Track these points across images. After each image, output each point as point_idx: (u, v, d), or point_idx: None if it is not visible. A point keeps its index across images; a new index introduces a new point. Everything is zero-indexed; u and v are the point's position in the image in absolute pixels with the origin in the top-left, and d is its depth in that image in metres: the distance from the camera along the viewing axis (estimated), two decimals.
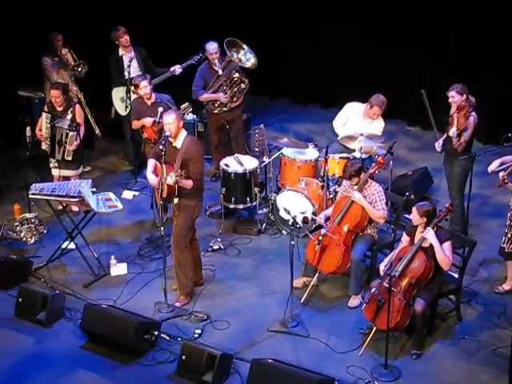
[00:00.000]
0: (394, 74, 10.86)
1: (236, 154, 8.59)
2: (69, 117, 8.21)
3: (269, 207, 8.37)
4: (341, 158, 8.11)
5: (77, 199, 7.37)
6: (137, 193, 9.18)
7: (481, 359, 6.26)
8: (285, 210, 6.94)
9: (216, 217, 8.50)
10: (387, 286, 6.08)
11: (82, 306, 6.70)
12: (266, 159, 8.41)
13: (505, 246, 6.93)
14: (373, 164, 7.34)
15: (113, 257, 7.58)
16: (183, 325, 6.74)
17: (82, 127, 8.35)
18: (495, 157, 7.15)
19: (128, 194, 9.12)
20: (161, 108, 7.96)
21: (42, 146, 8.38)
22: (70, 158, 8.26)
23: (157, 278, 7.35)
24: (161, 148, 6.58)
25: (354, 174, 6.98)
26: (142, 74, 8.53)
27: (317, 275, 7.07)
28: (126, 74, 9.15)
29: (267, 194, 8.56)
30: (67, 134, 8.13)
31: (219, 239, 8.06)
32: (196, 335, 6.58)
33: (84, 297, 7.12)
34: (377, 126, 8.33)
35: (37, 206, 8.38)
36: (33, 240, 8.05)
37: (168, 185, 6.56)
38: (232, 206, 8.31)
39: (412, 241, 6.45)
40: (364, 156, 7.99)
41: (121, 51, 9.30)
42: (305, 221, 7.61)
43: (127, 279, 7.45)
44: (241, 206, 8.32)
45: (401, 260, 6.31)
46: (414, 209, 6.33)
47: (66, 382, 6.14)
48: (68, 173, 8.38)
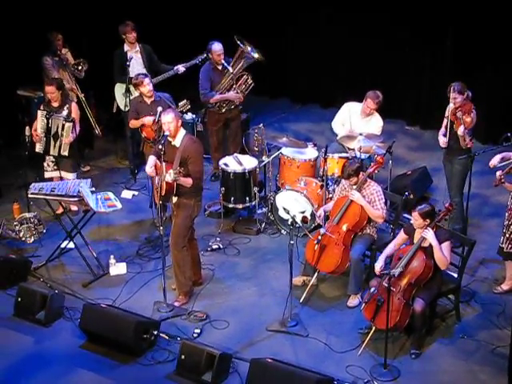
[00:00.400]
0: (393, 73, 10.87)
1: (235, 154, 8.59)
2: (64, 113, 8.20)
3: (268, 207, 8.37)
4: (340, 157, 8.11)
5: (76, 199, 7.37)
6: (136, 192, 9.18)
7: (480, 359, 6.27)
8: (284, 209, 6.93)
9: (215, 216, 8.50)
10: (386, 285, 6.08)
11: (82, 305, 6.70)
12: (265, 159, 8.40)
13: (503, 245, 6.94)
14: (372, 163, 7.34)
15: (112, 256, 7.58)
16: (182, 324, 6.75)
17: (77, 125, 8.31)
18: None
19: (127, 194, 9.12)
20: (160, 107, 7.96)
21: (36, 148, 8.30)
22: (66, 152, 8.18)
23: (156, 278, 7.35)
24: (160, 147, 6.59)
25: (352, 174, 6.98)
26: (142, 73, 8.50)
27: (316, 275, 7.07)
28: (128, 71, 9.23)
29: (266, 194, 8.57)
30: (63, 125, 8.10)
31: (218, 239, 8.06)
32: (195, 335, 6.58)
33: (83, 296, 7.12)
34: (375, 125, 8.31)
35: (36, 205, 8.37)
36: (32, 239, 8.05)
37: (167, 183, 6.57)
38: (231, 206, 8.31)
39: (411, 240, 6.46)
40: (363, 156, 7.99)
41: (126, 47, 9.35)
42: (304, 220, 7.61)
43: (126, 279, 7.45)
44: (240, 206, 8.32)
45: (400, 259, 6.32)
46: (415, 214, 6.27)
47: (65, 381, 6.14)
48: (65, 175, 8.30)
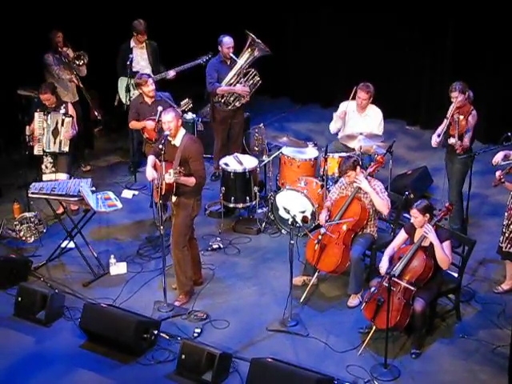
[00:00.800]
0: (393, 73, 10.88)
1: (235, 154, 8.59)
2: (61, 112, 8.22)
3: (268, 206, 8.37)
4: (340, 157, 8.10)
5: (76, 198, 7.37)
6: (136, 192, 9.18)
7: (480, 358, 6.27)
8: (284, 209, 6.94)
9: (215, 216, 8.50)
10: (387, 285, 6.08)
11: (82, 305, 6.70)
12: (265, 158, 8.41)
13: (503, 245, 6.94)
14: (372, 163, 7.33)
15: (112, 256, 7.59)
16: (183, 324, 6.75)
17: (75, 124, 8.30)
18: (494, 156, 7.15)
19: (127, 193, 9.12)
20: (160, 107, 7.96)
21: (35, 150, 8.29)
22: (66, 148, 8.19)
23: (156, 278, 7.36)
24: (160, 147, 6.59)
25: (349, 168, 6.94)
26: (146, 73, 8.49)
27: (316, 274, 7.07)
28: (134, 65, 9.32)
29: (267, 194, 8.57)
30: (63, 120, 8.12)
31: (219, 238, 8.06)
32: (195, 334, 6.58)
33: (83, 296, 7.12)
34: (374, 118, 8.27)
35: (36, 205, 8.37)
36: (32, 239, 8.05)
37: (166, 183, 6.57)
38: (231, 205, 8.31)
39: (412, 240, 6.46)
40: (364, 156, 8.01)
41: (132, 43, 9.42)
42: (304, 220, 7.61)
43: (127, 278, 7.45)
44: (240, 205, 8.32)
45: (400, 259, 6.32)
46: (414, 211, 6.27)
47: (65, 381, 6.14)
48: (59, 176, 8.25)
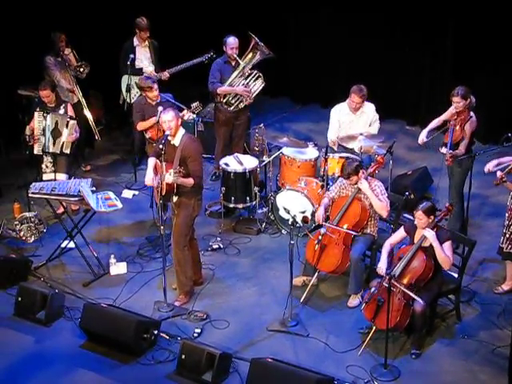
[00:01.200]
0: (393, 73, 10.88)
1: (236, 154, 8.59)
2: (61, 111, 8.21)
3: (268, 206, 8.37)
4: (340, 157, 8.10)
5: (76, 198, 7.37)
6: (136, 192, 9.18)
7: (480, 359, 6.27)
8: (284, 209, 6.94)
9: (216, 216, 8.50)
10: (387, 285, 6.08)
11: (82, 305, 6.70)
12: (265, 158, 8.41)
13: (503, 245, 6.94)
14: (372, 163, 7.33)
15: (112, 256, 7.59)
16: (183, 324, 6.75)
17: (76, 125, 8.32)
18: (495, 157, 7.15)
19: (128, 193, 9.11)
20: (160, 107, 7.97)
21: (35, 150, 8.28)
22: (68, 150, 8.19)
23: (156, 278, 7.35)
24: (161, 147, 6.60)
25: (352, 173, 6.97)
26: (149, 77, 8.47)
27: (316, 274, 7.07)
28: (137, 63, 9.36)
29: (267, 194, 8.57)
30: (67, 122, 8.11)
31: (219, 238, 8.06)
32: (195, 334, 6.58)
33: (83, 296, 7.12)
34: (368, 115, 8.27)
35: (36, 205, 8.36)
36: (32, 239, 8.05)
37: (167, 183, 6.57)
38: (232, 206, 8.31)
39: (412, 240, 6.46)
40: (364, 156, 8.00)
41: (136, 41, 9.44)
42: (304, 220, 7.61)
43: (127, 278, 7.45)
44: (240, 206, 8.32)
45: (400, 260, 6.32)
46: (419, 213, 6.24)
47: (65, 380, 6.14)
48: (58, 176, 8.25)
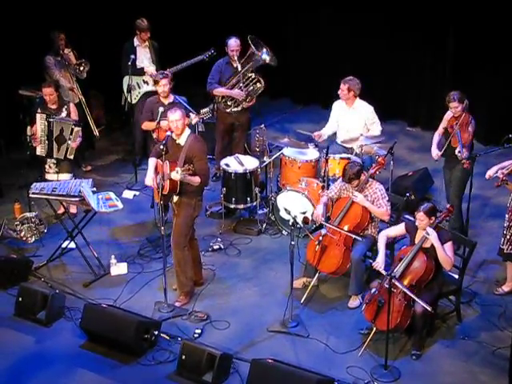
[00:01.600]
0: (394, 74, 10.89)
1: (236, 154, 8.59)
2: (63, 114, 8.20)
3: (269, 207, 8.37)
4: (341, 158, 8.11)
5: (77, 199, 7.37)
6: (137, 192, 9.18)
7: (481, 360, 6.27)
8: (285, 210, 6.95)
9: (216, 217, 8.50)
10: (387, 286, 6.08)
11: (82, 305, 6.70)
12: (266, 159, 8.41)
13: (504, 247, 6.93)
14: (373, 164, 7.33)
15: (113, 256, 7.58)
16: (183, 324, 6.75)
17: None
18: (496, 158, 7.16)
19: (128, 194, 9.12)
20: (161, 108, 7.98)
21: (38, 151, 8.29)
22: (72, 156, 8.19)
23: (157, 278, 7.35)
24: (162, 147, 6.61)
25: (353, 177, 6.97)
26: (163, 71, 8.39)
27: (317, 275, 7.07)
28: (138, 64, 9.37)
29: (267, 194, 8.56)
30: (72, 129, 8.09)
31: (219, 239, 8.06)
32: (196, 335, 6.58)
33: (84, 296, 7.12)
34: (364, 112, 8.28)
35: (37, 205, 8.36)
36: (33, 239, 8.05)
37: (171, 181, 6.57)
38: (232, 206, 8.31)
39: (412, 241, 6.46)
40: (365, 156, 8.00)
41: (136, 41, 9.44)
42: (305, 221, 7.61)
43: (127, 279, 7.45)
44: (241, 206, 8.32)
45: (401, 260, 6.32)
46: (420, 214, 6.24)
47: (65, 381, 6.14)
48: (62, 177, 8.24)
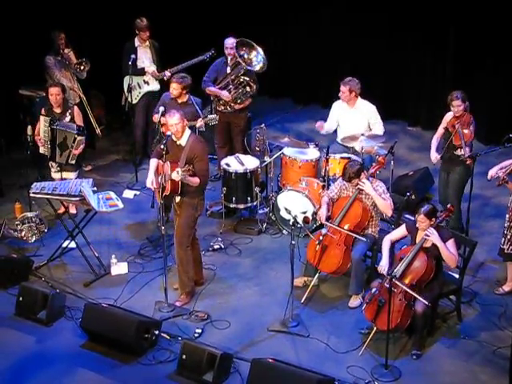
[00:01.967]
0: (395, 74, 10.89)
1: (237, 154, 8.59)
2: (67, 119, 8.18)
3: (269, 207, 8.37)
4: (342, 157, 8.11)
5: (78, 198, 7.36)
6: (137, 192, 9.18)
7: (481, 360, 6.27)
8: (285, 209, 6.96)
9: (217, 216, 8.50)
10: (388, 286, 6.08)
11: (83, 305, 6.70)
12: (266, 159, 8.41)
13: (504, 246, 6.94)
14: (373, 164, 7.33)
15: (113, 256, 7.58)
16: (183, 324, 6.75)
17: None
18: (496, 157, 7.16)
19: (129, 194, 9.12)
20: (161, 108, 7.99)
21: (40, 150, 8.29)
22: (73, 161, 8.19)
23: (157, 278, 7.35)
24: (162, 147, 6.61)
25: (353, 176, 6.97)
26: (184, 76, 8.22)
27: (317, 275, 7.07)
28: (139, 64, 9.40)
29: (268, 194, 8.56)
30: (75, 138, 8.04)
31: (220, 239, 8.06)
32: (196, 335, 6.58)
33: (84, 296, 7.12)
34: (366, 112, 8.29)
35: (37, 205, 8.36)
36: (33, 239, 8.06)
37: (172, 182, 6.57)
38: (233, 206, 8.31)
39: (413, 240, 6.46)
40: (365, 156, 8.00)
41: (137, 42, 9.46)
42: (305, 221, 7.61)
43: (128, 278, 7.45)
44: (241, 206, 8.32)
45: (402, 260, 6.32)
46: (421, 217, 6.24)
47: (66, 380, 6.14)
48: (66, 175, 8.24)
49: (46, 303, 6.77)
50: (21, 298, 6.88)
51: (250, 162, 8.35)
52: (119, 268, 7.56)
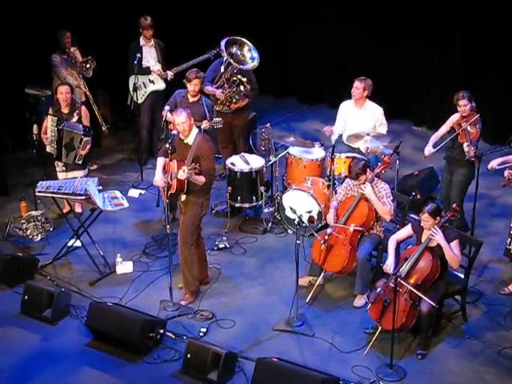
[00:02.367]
0: (400, 73, 10.87)
1: (242, 153, 8.59)
2: (75, 119, 8.18)
3: (275, 206, 8.37)
4: (347, 157, 8.10)
5: (83, 197, 7.38)
6: (143, 191, 9.19)
7: (486, 360, 6.26)
8: (291, 209, 6.95)
9: (222, 216, 8.50)
10: (393, 286, 6.07)
11: (88, 303, 6.71)
12: (272, 158, 8.41)
13: (510, 247, 6.93)
14: (379, 164, 7.32)
15: (119, 255, 7.60)
16: (188, 323, 6.75)
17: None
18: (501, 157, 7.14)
19: (134, 193, 9.12)
20: (167, 107, 7.99)
21: (47, 148, 8.30)
22: (80, 162, 8.19)
23: (162, 277, 7.36)
24: (168, 146, 6.62)
25: (360, 172, 6.96)
26: (198, 70, 8.28)
27: (322, 274, 7.07)
28: (144, 63, 9.39)
29: (273, 193, 8.56)
30: (81, 139, 8.05)
31: (225, 238, 8.06)
32: (201, 334, 6.58)
33: (90, 295, 7.13)
34: (373, 113, 8.28)
35: (43, 203, 8.37)
36: (39, 237, 8.07)
37: (178, 180, 6.58)
38: (238, 205, 8.31)
39: (418, 240, 6.45)
40: (370, 156, 8.00)
41: (142, 41, 9.45)
42: (311, 220, 7.61)
43: (133, 277, 7.45)
44: (247, 205, 8.32)
45: (407, 260, 6.31)
46: (425, 215, 6.24)
47: (71, 379, 6.15)
48: (74, 174, 8.24)
49: (52, 302, 6.78)
50: (26, 297, 6.89)
51: (256, 162, 8.35)
52: (124, 267, 7.56)
